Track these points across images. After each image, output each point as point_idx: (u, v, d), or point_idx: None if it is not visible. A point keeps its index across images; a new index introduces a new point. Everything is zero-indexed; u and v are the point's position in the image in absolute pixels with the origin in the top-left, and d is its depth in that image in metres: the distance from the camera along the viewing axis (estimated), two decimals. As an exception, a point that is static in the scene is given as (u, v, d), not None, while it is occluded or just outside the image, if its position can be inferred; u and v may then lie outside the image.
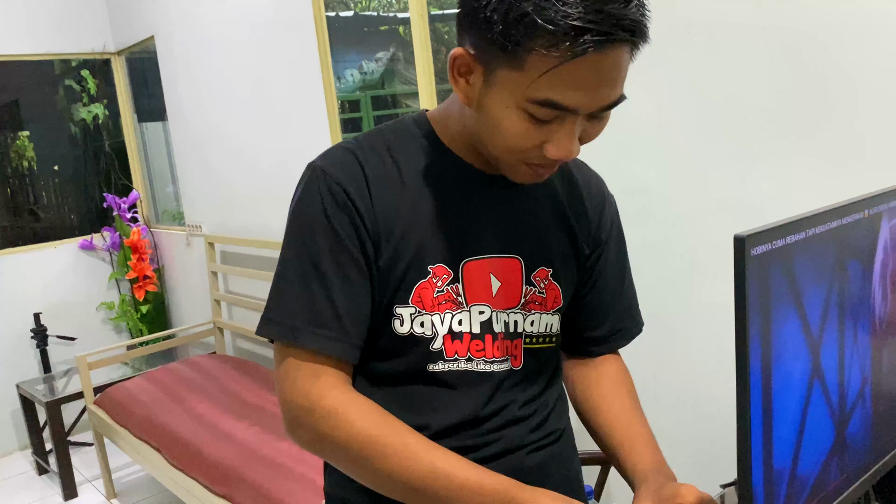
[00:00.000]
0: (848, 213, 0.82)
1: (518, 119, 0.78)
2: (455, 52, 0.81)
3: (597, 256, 1.02)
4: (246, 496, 2.25)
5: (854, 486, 0.89)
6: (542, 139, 0.80)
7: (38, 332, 4.00)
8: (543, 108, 0.76)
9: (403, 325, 0.90)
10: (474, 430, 0.94)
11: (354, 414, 0.84)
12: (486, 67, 0.78)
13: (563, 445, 1.05)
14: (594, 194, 1.02)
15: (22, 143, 4.53)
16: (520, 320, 0.95)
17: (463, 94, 0.83)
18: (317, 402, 0.84)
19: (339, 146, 0.91)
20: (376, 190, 0.88)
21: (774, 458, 0.75)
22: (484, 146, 0.87)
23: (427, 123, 0.94)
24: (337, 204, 0.86)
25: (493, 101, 0.79)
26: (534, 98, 0.76)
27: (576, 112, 0.77)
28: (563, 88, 0.74)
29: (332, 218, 0.85)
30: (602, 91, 0.76)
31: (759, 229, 0.69)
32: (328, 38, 2.84)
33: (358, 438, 0.83)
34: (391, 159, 0.90)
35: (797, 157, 1.55)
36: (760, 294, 0.70)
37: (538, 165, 0.84)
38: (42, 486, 3.60)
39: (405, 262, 0.88)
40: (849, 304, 0.84)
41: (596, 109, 0.78)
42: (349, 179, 0.87)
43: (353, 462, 0.85)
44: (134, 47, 4.25)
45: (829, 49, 1.47)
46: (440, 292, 0.90)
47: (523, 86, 0.75)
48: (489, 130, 0.82)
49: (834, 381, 0.83)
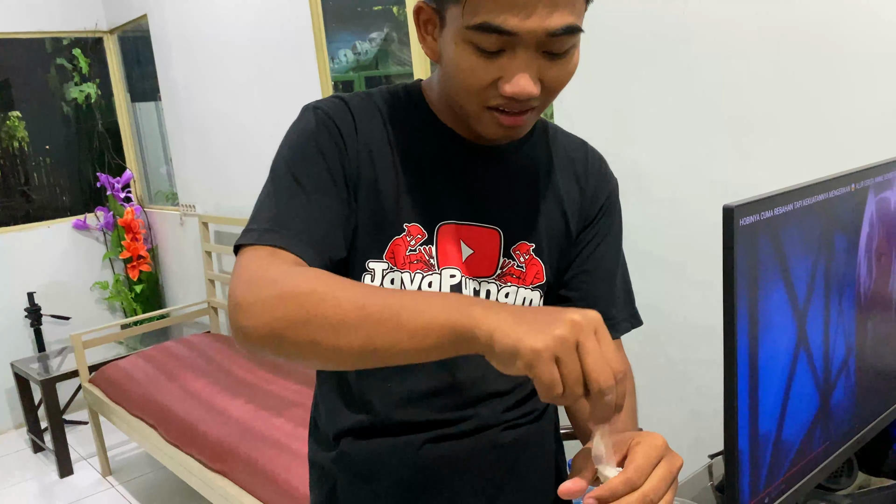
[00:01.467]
0: (835, 186, 0.84)
1: (466, 53, 0.77)
2: (417, 4, 0.82)
3: (590, 237, 1.00)
4: (241, 471, 2.27)
5: (837, 453, 0.91)
6: (495, 75, 0.78)
7: (32, 311, 4.00)
8: (484, 35, 0.75)
9: (374, 280, 0.89)
10: (445, 400, 0.92)
11: (297, 273, 0.76)
12: (440, 15, 0.80)
13: (544, 423, 1.04)
14: (592, 174, 1.00)
15: (13, 123, 4.50)
16: (493, 290, 0.94)
17: (429, 50, 0.84)
18: (267, 271, 0.77)
19: (334, 95, 0.92)
20: (363, 139, 0.89)
21: (760, 423, 0.77)
22: (451, 99, 0.86)
23: (418, 90, 0.95)
24: (328, 132, 0.87)
25: (446, 42, 0.80)
26: (470, 24, 0.75)
27: (516, 36, 0.74)
28: (498, 10, 0.73)
29: (320, 145, 0.86)
30: (540, 13, 0.73)
31: (747, 200, 0.71)
32: (322, 18, 2.83)
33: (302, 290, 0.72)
34: (380, 117, 0.91)
35: (791, 141, 1.57)
36: (748, 264, 0.72)
37: (501, 113, 0.81)
38: (38, 464, 3.63)
39: (381, 216, 0.88)
40: (834, 276, 0.87)
41: (541, 34, 0.75)
42: (341, 120, 0.88)
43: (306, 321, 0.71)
44: (126, 26, 4.23)
45: (824, 34, 1.48)
46: (412, 251, 0.89)
47: (463, 15, 0.75)
48: (448, 76, 0.83)
49: (819, 351, 0.85)
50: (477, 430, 0.94)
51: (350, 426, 0.94)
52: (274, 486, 2.13)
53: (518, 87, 0.77)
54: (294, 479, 2.10)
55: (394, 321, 0.67)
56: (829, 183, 0.83)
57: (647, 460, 0.67)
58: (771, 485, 0.80)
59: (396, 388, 0.92)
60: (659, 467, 0.68)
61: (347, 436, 0.94)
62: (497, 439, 0.96)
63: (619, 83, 1.86)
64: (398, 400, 0.92)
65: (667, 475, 0.68)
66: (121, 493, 3.26)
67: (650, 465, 0.67)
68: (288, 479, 2.11)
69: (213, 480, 2.36)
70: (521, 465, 0.93)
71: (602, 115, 1.91)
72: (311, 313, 0.71)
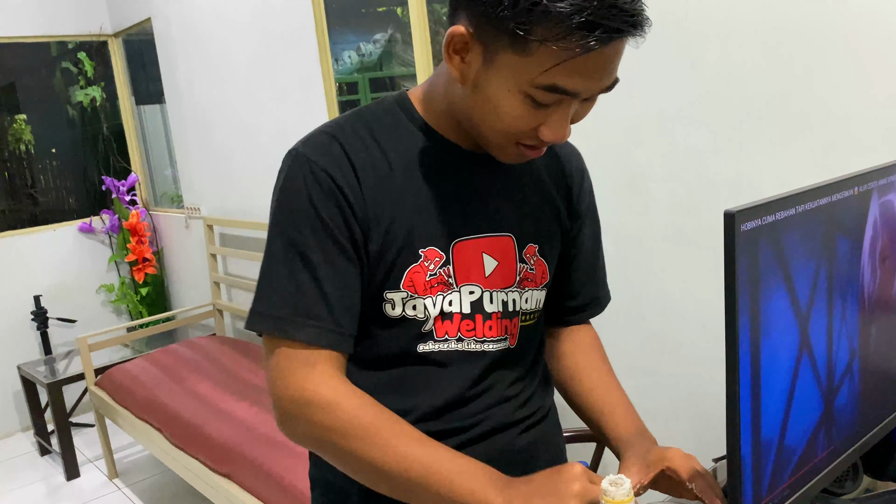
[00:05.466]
0: (838, 189, 0.84)
1: (518, 102, 0.78)
2: (453, 30, 0.78)
3: (577, 230, 1.04)
4: (247, 474, 2.28)
5: (841, 458, 0.91)
6: (539, 122, 0.80)
7: (38, 314, 4.02)
8: (547, 94, 0.77)
9: (395, 308, 0.89)
10: (459, 412, 0.94)
11: (349, 404, 0.83)
12: (485, 47, 0.77)
13: (550, 424, 1.06)
14: (574, 170, 1.03)
15: (19, 126, 4.52)
16: (517, 298, 0.95)
17: (458, 73, 0.81)
18: (312, 394, 0.83)
19: (320, 131, 0.89)
20: (363, 175, 0.86)
21: (763, 429, 0.76)
22: (474, 126, 0.85)
23: (409, 104, 0.92)
24: (323, 191, 0.83)
25: (493, 82, 0.78)
26: (540, 84, 0.76)
27: (577, 96, 0.78)
28: (569, 76, 0.75)
29: (318, 206, 0.83)
30: (603, 78, 0.78)
31: (748, 205, 0.71)
32: (326, 20, 2.83)
33: (354, 428, 0.81)
34: (375, 143, 0.88)
35: (792, 140, 1.56)
36: (750, 269, 0.71)
37: (528, 147, 0.84)
38: (45, 467, 3.64)
39: (396, 248, 0.87)
40: (837, 280, 0.86)
41: (597, 93, 0.80)
42: (334, 166, 0.84)
43: (348, 453, 0.83)
44: (131, 29, 4.24)
45: (825, 33, 1.47)
46: (433, 275, 0.89)
47: (528, 72, 0.75)
48: (484, 111, 0.81)
49: (822, 355, 0.85)
50: (492, 432, 0.96)
51: None
52: (279, 488, 2.13)
53: (559, 134, 0.81)
54: (299, 482, 2.10)
55: (428, 491, 0.80)
56: (832, 186, 0.83)
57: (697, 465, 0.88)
58: (774, 490, 0.79)
59: (412, 406, 0.92)
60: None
61: None
62: (512, 442, 0.97)
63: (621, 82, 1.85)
64: (415, 417, 0.92)
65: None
66: (127, 495, 3.27)
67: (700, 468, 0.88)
68: (293, 481, 2.11)
69: (218, 483, 2.36)
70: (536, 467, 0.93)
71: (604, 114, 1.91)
72: (356, 455, 0.82)
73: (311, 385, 0.83)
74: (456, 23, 0.79)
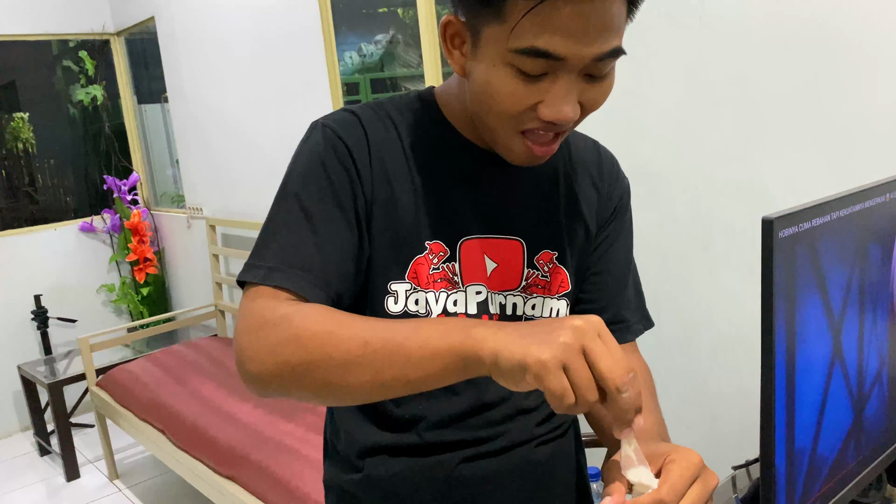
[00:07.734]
0: (870, 196, 0.83)
1: (506, 76, 0.74)
2: (445, 19, 0.77)
3: (603, 238, 0.99)
4: (251, 476, 2.26)
5: (871, 467, 0.90)
6: (535, 99, 0.75)
7: (38, 314, 3.99)
8: (529, 59, 0.71)
9: (398, 302, 0.86)
10: (476, 420, 0.91)
11: (302, 313, 0.74)
12: (473, 31, 0.76)
13: (570, 439, 1.03)
14: (606, 175, 0.99)
15: (18, 125, 4.49)
16: (519, 303, 0.92)
17: (457, 65, 0.80)
18: (269, 314, 0.74)
19: (344, 109, 0.89)
20: (377, 154, 0.85)
21: (796, 438, 0.75)
22: (479, 119, 0.83)
23: (432, 99, 0.91)
24: (336, 156, 0.83)
25: (481, 62, 0.75)
26: (517, 47, 0.71)
27: (563, 60, 0.72)
28: (548, 34, 0.70)
29: (328, 168, 0.83)
30: (590, 37, 0.71)
31: (786, 211, 0.70)
32: (332, 20, 2.82)
33: (310, 335, 0.72)
34: (394, 129, 0.88)
35: (806, 140, 1.55)
36: (786, 275, 0.70)
37: (536, 139, 0.79)
38: (44, 467, 3.62)
39: (401, 236, 0.85)
40: (868, 287, 0.85)
41: (588, 59, 0.72)
42: (352, 138, 0.84)
43: (312, 363, 0.71)
44: (133, 28, 4.22)
45: (842, 33, 1.46)
46: (435, 269, 0.87)
47: (506, 36, 0.71)
48: (480, 97, 0.78)
49: (854, 364, 0.84)
50: (510, 447, 0.93)
51: (375, 445, 0.91)
52: (284, 491, 2.11)
53: (560, 113, 0.75)
54: (304, 485, 2.08)
55: (398, 354, 0.68)
56: (864, 193, 0.82)
57: (681, 480, 0.66)
58: (807, 501, 0.78)
59: (427, 411, 0.90)
60: (694, 487, 0.67)
61: (373, 455, 0.92)
62: (530, 456, 0.95)
63: (631, 79, 1.84)
64: (430, 423, 0.90)
65: (702, 495, 0.67)
66: (128, 496, 3.25)
67: (685, 484, 0.66)
68: (298, 484, 2.10)
69: (222, 485, 2.35)
70: (552, 481, 0.92)
71: (614, 112, 1.90)
72: (315, 356, 0.71)
73: (269, 308, 0.75)
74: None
